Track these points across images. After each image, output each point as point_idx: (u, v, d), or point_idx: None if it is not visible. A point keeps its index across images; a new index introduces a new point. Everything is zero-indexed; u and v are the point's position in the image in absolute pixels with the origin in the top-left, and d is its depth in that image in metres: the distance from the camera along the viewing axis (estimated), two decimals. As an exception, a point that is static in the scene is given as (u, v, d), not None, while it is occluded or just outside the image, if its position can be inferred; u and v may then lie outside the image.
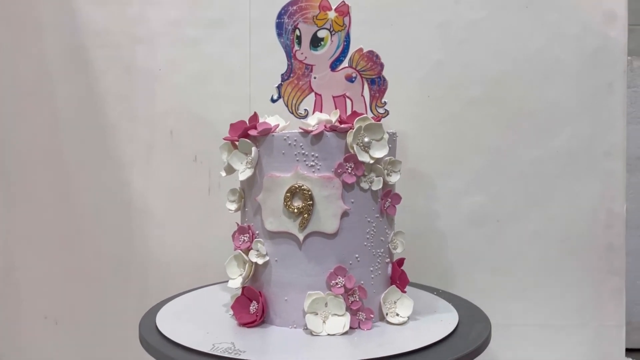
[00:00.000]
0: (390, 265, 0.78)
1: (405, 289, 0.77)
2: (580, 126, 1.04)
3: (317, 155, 0.71)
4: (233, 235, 0.78)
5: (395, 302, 0.75)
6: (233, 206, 0.79)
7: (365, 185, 0.72)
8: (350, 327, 0.71)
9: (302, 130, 0.71)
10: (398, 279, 0.77)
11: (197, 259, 1.07)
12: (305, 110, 0.78)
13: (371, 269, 0.74)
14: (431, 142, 1.05)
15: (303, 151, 0.71)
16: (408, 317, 0.75)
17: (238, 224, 0.79)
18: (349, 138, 0.70)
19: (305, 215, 0.70)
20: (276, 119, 0.77)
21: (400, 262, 0.79)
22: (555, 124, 1.04)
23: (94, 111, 1.07)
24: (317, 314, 0.70)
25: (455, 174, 1.05)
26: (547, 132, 1.04)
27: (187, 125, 1.07)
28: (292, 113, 0.78)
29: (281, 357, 0.63)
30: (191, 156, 1.07)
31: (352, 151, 0.70)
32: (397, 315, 0.74)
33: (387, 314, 0.74)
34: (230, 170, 0.77)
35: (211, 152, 1.04)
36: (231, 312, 0.76)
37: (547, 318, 1.06)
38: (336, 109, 0.77)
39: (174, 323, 0.74)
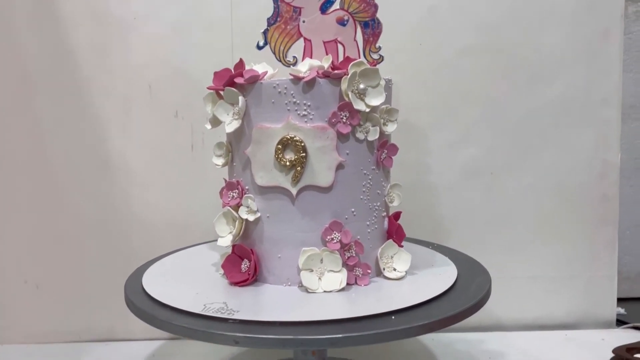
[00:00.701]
0: (386, 219, 0.75)
1: (402, 244, 0.74)
2: (576, 74, 1.01)
3: (309, 104, 0.66)
4: (221, 192, 0.74)
5: (392, 257, 0.72)
6: (220, 161, 0.75)
7: (360, 136, 0.68)
8: (347, 284, 0.68)
9: (292, 77, 0.67)
10: (395, 233, 0.74)
11: (181, 219, 1.03)
12: (294, 57, 0.73)
13: (367, 223, 0.71)
14: (423, 92, 1.01)
15: (294, 100, 0.66)
16: (406, 272, 0.72)
17: (226, 180, 0.75)
18: (344, 84, 0.65)
19: (298, 169, 0.67)
20: (263, 66, 0.72)
21: (397, 215, 0.76)
22: (550, 72, 1.01)
23: (67, 65, 1.00)
24: (312, 271, 0.67)
25: (447, 125, 1.02)
26: (542, 81, 1.01)
27: (166, 78, 1.01)
28: (280, 60, 0.73)
29: (277, 315, 0.59)
30: (172, 111, 1.02)
31: (346, 99, 0.66)
32: (395, 270, 0.72)
33: (384, 269, 0.72)
34: (215, 122, 0.73)
35: (193, 107, 1.00)
36: (221, 271, 0.73)
37: (540, 269, 1.05)
38: (327, 55, 0.72)
39: (162, 284, 0.71)
